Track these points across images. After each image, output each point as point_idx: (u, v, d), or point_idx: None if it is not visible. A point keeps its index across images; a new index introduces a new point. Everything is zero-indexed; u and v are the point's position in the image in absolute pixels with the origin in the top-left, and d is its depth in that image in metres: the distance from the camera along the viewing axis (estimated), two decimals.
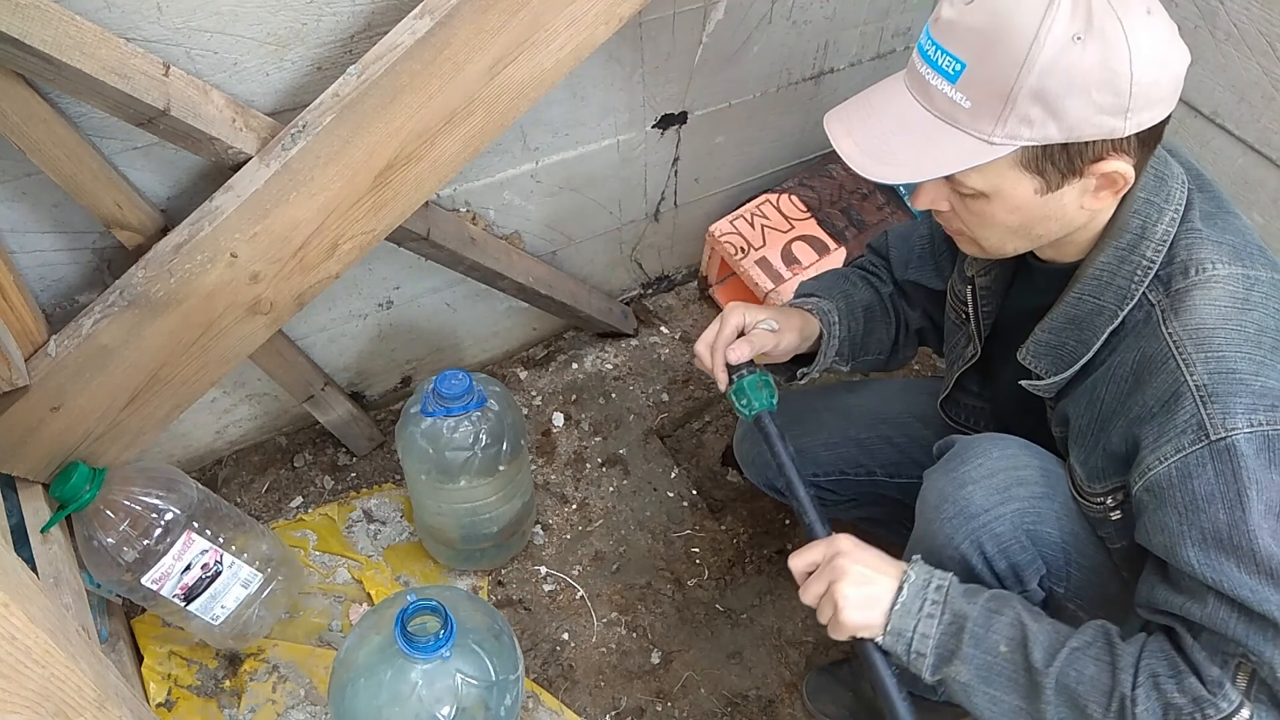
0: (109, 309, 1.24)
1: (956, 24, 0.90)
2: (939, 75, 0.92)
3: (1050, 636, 0.98)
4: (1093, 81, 0.86)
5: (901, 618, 1.02)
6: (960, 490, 1.08)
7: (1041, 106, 0.87)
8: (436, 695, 1.14)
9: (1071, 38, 0.85)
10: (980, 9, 0.89)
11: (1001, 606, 1.01)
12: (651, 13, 1.56)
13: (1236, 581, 0.88)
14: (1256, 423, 0.89)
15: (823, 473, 1.47)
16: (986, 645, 0.99)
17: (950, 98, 0.91)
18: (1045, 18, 0.85)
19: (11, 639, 0.70)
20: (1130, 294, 0.98)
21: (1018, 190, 0.94)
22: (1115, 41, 0.85)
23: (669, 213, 1.97)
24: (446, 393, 1.40)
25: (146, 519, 1.31)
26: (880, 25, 1.89)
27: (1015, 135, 0.89)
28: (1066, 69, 0.85)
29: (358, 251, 1.35)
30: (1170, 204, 0.98)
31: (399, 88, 1.22)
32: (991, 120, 0.89)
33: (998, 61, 0.87)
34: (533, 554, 1.72)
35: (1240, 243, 0.97)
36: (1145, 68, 0.86)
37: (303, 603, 1.60)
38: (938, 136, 0.93)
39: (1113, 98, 0.86)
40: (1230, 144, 1.50)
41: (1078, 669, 0.96)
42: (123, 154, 1.26)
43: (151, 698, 1.46)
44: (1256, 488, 0.88)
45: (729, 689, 1.57)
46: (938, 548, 1.09)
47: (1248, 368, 0.90)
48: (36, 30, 1.01)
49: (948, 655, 1.01)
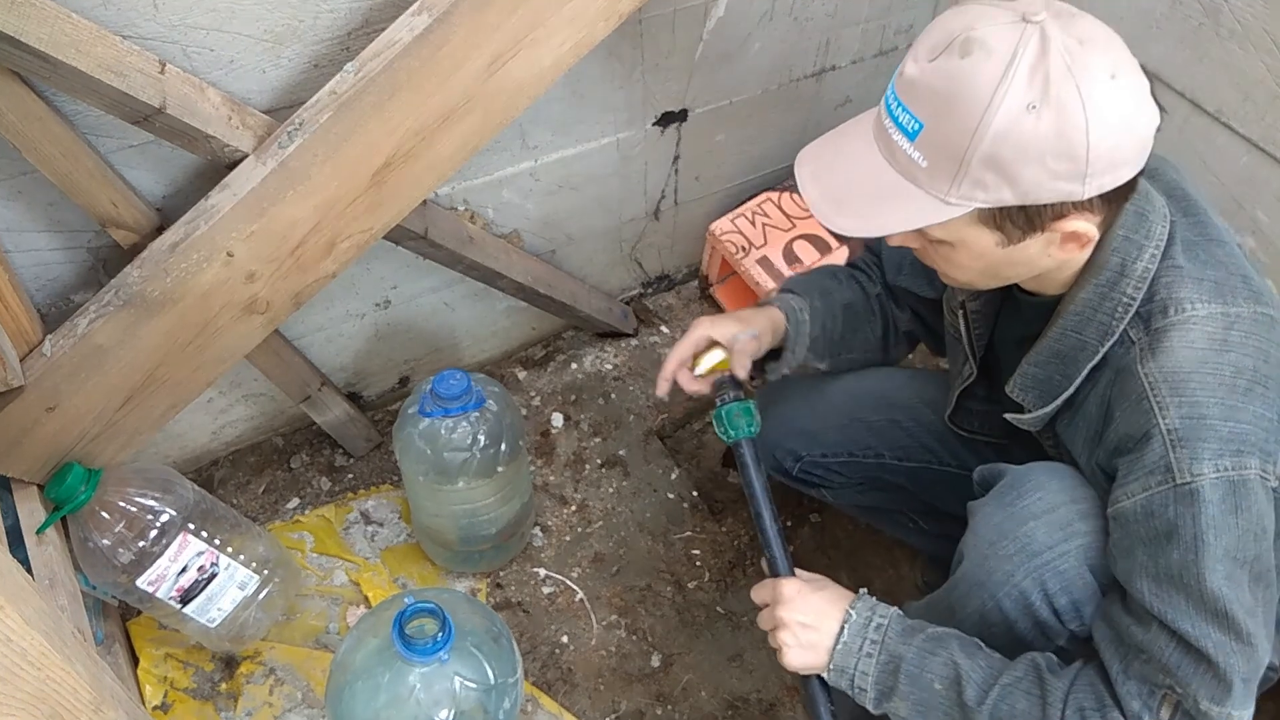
0: (104, 308, 1.23)
1: (917, 83, 0.92)
2: (900, 131, 0.94)
3: (984, 674, 1.03)
4: (1048, 150, 0.87)
5: (844, 656, 1.09)
6: (1021, 527, 1.06)
7: (995, 172, 0.89)
8: (434, 698, 1.14)
9: (1026, 106, 0.86)
10: (940, 71, 0.90)
11: (936, 647, 1.06)
12: (652, 9, 1.55)
13: (1181, 615, 0.92)
14: (1222, 468, 0.91)
15: (831, 454, 1.47)
16: (921, 684, 1.05)
17: (909, 155, 0.93)
18: (1000, 85, 0.86)
19: (6, 641, 0.69)
20: (1111, 330, 1.00)
21: (979, 242, 0.96)
22: (1072, 110, 0.85)
23: (669, 211, 1.96)
24: (444, 393, 1.39)
25: (142, 520, 1.30)
26: (882, 22, 1.89)
27: (970, 197, 0.91)
28: (1020, 137, 0.86)
29: (355, 250, 1.35)
30: (1151, 240, 0.98)
31: (396, 85, 1.21)
32: (947, 181, 0.91)
33: (952, 126, 0.89)
34: (532, 556, 1.71)
35: (1223, 276, 0.97)
36: (1104, 135, 0.86)
37: (300, 605, 1.60)
38: (897, 192, 0.95)
39: (1069, 165, 0.87)
40: (1234, 142, 1.50)
41: (1009, 704, 1.00)
42: (118, 152, 1.25)
43: (147, 700, 1.45)
44: (1214, 532, 0.91)
45: (730, 692, 1.56)
46: (993, 584, 1.08)
47: (1218, 413, 0.92)
48: (32, 28, 1.01)
49: (887, 691, 1.07)
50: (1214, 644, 0.91)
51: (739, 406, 1.27)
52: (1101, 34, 0.89)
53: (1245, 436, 0.91)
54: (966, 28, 0.89)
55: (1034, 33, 0.86)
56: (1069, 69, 0.85)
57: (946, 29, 0.91)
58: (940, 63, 0.89)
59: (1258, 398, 0.92)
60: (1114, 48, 0.89)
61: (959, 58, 0.88)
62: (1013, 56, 0.86)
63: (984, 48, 0.87)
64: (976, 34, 0.88)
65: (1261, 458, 0.92)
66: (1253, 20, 1.39)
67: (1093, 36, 0.87)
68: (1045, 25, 0.86)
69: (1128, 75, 0.88)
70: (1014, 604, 1.06)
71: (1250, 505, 0.91)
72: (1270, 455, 0.92)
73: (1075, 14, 0.89)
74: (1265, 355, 0.94)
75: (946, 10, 0.96)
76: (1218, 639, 0.91)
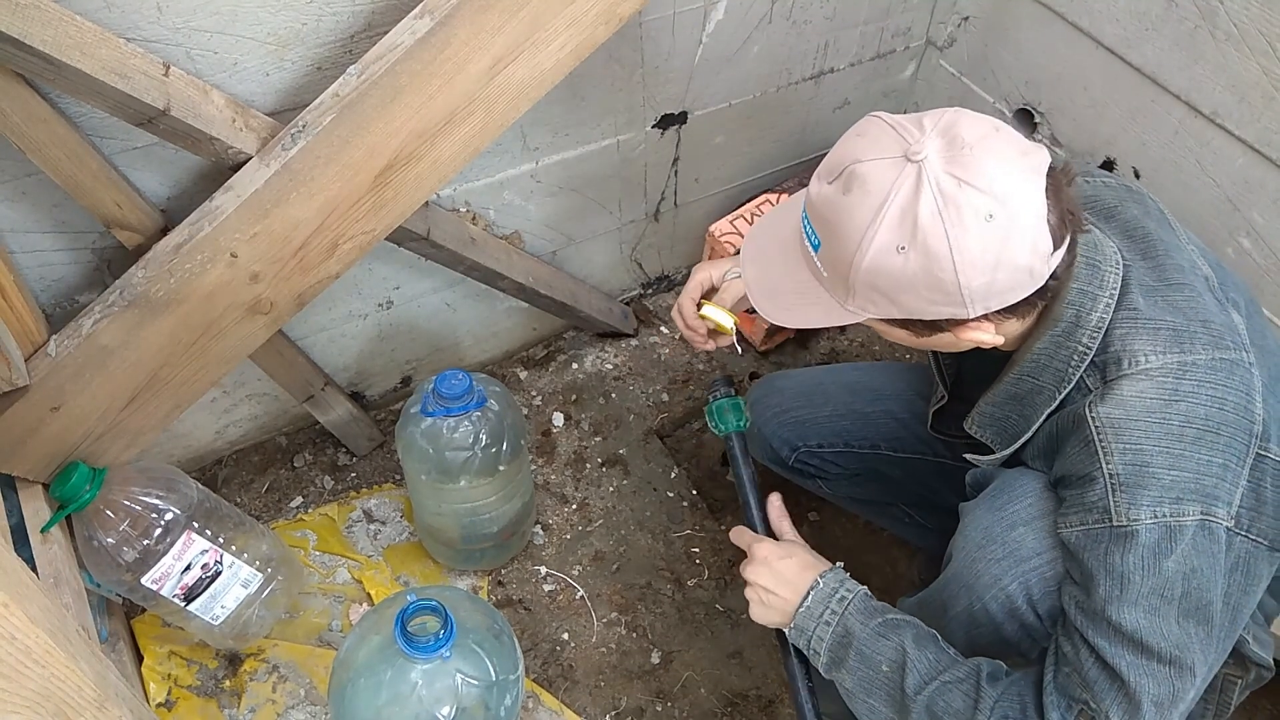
0: (109, 309, 1.24)
1: (814, 205, 0.97)
2: (808, 241, 1.00)
3: (928, 666, 1.06)
4: (920, 284, 0.90)
5: (804, 618, 1.14)
6: (1010, 532, 1.08)
7: (879, 293, 0.94)
8: (436, 695, 1.14)
9: (895, 248, 0.89)
10: (827, 201, 0.95)
11: (890, 632, 1.09)
12: (652, 13, 1.56)
13: (1100, 635, 0.96)
14: (1160, 514, 0.93)
15: (827, 444, 1.49)
16: (869, 662, 1.09)
17: (815, 263, 0.99)
18: (870, 227, 0.90)
19: (11, 639, 0.70)
20: (1068, 378, 1.02)
21: (893, 333, 1.02)
22: (938, 254, 0.88)
23: (669, 212, 1.97)
24: (446, 393, 1.40)
25: (146, 519, 1.31)
26: (881, 25, 1.89)
27: (864, 308, 0.97)
28: (891, 273, 0.91)
29: (358, 251, 1.35)
30: (1105, 290, 0.99)
31: (399, 88, 1.22)
32: (843, 293, 0.97)
33: (837, 253, 0.94)
34: (533, 554, 1.72)
35: (1181, 323, 0.98)
36: (973, 275, 0.89)
37: (303, 603, 1.60)
38: (810, 292, 1.02)
39: (944, 296, 0.91)
40: (1230, 144, 1.50)
41: (945, 700, 1.03)
42: (123, 154, 1.26)
43: (151, 698, 1.46)
44: (1142, 573, 0.94)
45: (729, 689, 1.57)
46: (981, 586, 1.09)
47: (1162, 461, 0.94)
48: (36, 30, 1.01)
49: (837, 661, 1.12)
50: (1127, 664, 0.94)
51: (728, 402, 1.37)
52: (990, 168, 0.88)
53: (1187, 484, 0.93)
54: (855, 158, 0.93)
55: (910, 173, 0.89)
56: (938, 213, 0.87)
57: (842, 154, 0.95)
58: (829, 191, 0.95)
59: (1207, 445, 0.94)
60: (1001, 182, 0.88)
61: (842, 192, 0.93)
62: (885, 198, 0.89)
63: (862, 186, 0.91)
64: (860, 169, 0.91)
65: (1205, 503, 0.93)
66: (1248, 22, 1.40)
67: (977, 173, 0.87)
68: (925, 164, 0.88)
69: (1010, 213, 0.88)
70: (1000, 607, 1.08)
71: (1181, 549, 0.93)
72: (1217, 499, 0.94)
73: (971, 143, 0.89)
74: (1220, 402, 0.95)
75: (862, 119, 1.00)
76: (1130, 660, 0.94)
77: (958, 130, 0.91)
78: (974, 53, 1.94)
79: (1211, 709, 1.21)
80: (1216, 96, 1.49)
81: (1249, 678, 1.18)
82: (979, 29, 1.91)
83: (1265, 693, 1.53)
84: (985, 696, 1.01)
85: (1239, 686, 1.19)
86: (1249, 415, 0.96)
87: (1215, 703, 1.21)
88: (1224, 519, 0.94)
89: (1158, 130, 1.61)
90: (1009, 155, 0.90)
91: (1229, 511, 0.95)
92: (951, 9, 1.95)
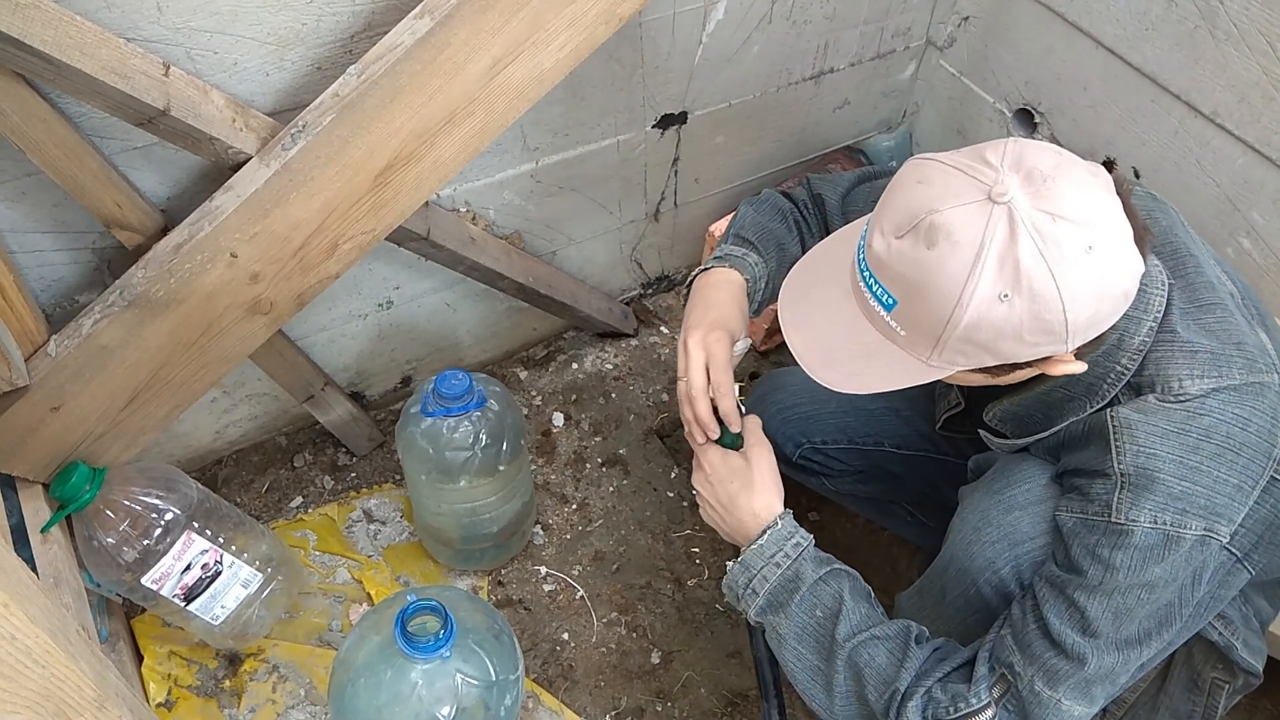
0: (109, 309, 1.24)
1: (885, 263, 0.90)
2: (875, 301, 0.93)
3: (861, 619, 1.07)
4: (1025, 329, 0.86)
5: (755, 555, 1.13)
6: (1007, 515, 1.08)
7: (974, 346, 0.89)
8: (436, 695, 1.14)
9: (998, 296, 0.84)
10: (906, 258, 0.88)
11: (832, 580, 1.10)
12: (652, 13, 1.56)
13: (1053, 613, 0.97)
14: (1161, 521, 0.92)
15: (831, 440, 1.48)
16: (807, 608, 1.09)
17: (888, 323, 0.93)
18: (969, 280, 0.84)
19: (11, 639, 0.70)
20: (1103, 394, 1.00)
21: (967, 378, 0.98)
22: (1046, 295, 0.84)
23: (669, 213, 1.97)
24: (446, 393, 1.40)
25: (146, 519, 1.31)
26: (881, 25, 1.89)
27: (951, 362, 0.92)
28: (993, 324, 0.86)
29: (358, 251, 1.35)
30: (1149, 314, 0.97)
31: (399, 88, 1.22)
32: (927, 350, 0.91)
33: (926, 311, 0.88)
34: (533, 554, 1.72)
35: (1217, 347, 0.96)
36: (1081, 309, 0.85)
37: (303, 603, 1.60)
38: (880, 352, 0.95)
39: (1047, 336, 0.87)
40: (1230, 144, 1.50)
41: (870, 653, 1.04)
42: (123, 154, 1.26)
43: (151, 698, 1.46)
44: (1127, 570, 0.94)
45: (729, 688, 1.57)
46: (975, 569, 1.09)
47: (1174, 471, 0.93)
48: (36, 30, 1.01)
49: (776, 605, 1.11)
50: (1072, 642, 0.95)
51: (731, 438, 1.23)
52: (1074, 196, 0.85)
53: (1197, 498, 0.92)
54: (930, 209, 0.86)
55: (1001, 216, 0.84)
56: (1040, 253, 0.83)
57: (910, 205, 0.88)
58: (906, 247, 0.88)
59: (1226, 464, 0.93)
60: (1089, 209, 0.85)
61: (925, 247, 0.86)
62: (980, 247, 0.83)
63: (949, 238, 0.85)
64: (941, 219, 0.85)
65: (1210, 520, 0.93)
66: (1248, 23, 1.40)
67: (1065, 204, 0.84)
68: (1013, 204, 0.83)
69: (1105, 240, 0.85)
70: (994, 590, 1.08)
71: (1171, 559, 0.93)
72: (1222, 517, 0.94)
73: (1048, 174, 0.86)
74: (1245, 422, 0.94)
75: (908, 166, 0.94)
76: (1075, 639, 0.95)
77: (1030, 162, 0.86)
78: (974, 53, 1.94)
79: (1199, 712, 1.22)
80: (1216, 96, 1.49)
81: (1236, 683, 1.19)
82: (979, 29, 1.91)
83: (1265, 693, 1.53)
84: (911, 658, 1.02)
85: (1226, 691, 1.19)
86: (1271, 439, 0.95)
87: (1203, 705, 1.21)
88: (1223, 536, 0.94)
89: (1157, 130, 1.61)
90: (1085, 180, 0.87)
91: (1230, 530, 0.95)
92: (951, 9, 1.95)
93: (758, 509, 1.15)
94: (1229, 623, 1.14)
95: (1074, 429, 1.04)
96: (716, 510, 1.18)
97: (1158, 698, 1.25)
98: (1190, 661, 1.21)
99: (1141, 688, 1.25)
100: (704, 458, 1.19)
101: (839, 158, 2.07)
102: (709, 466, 1.18)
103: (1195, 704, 1.22)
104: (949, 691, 1.00)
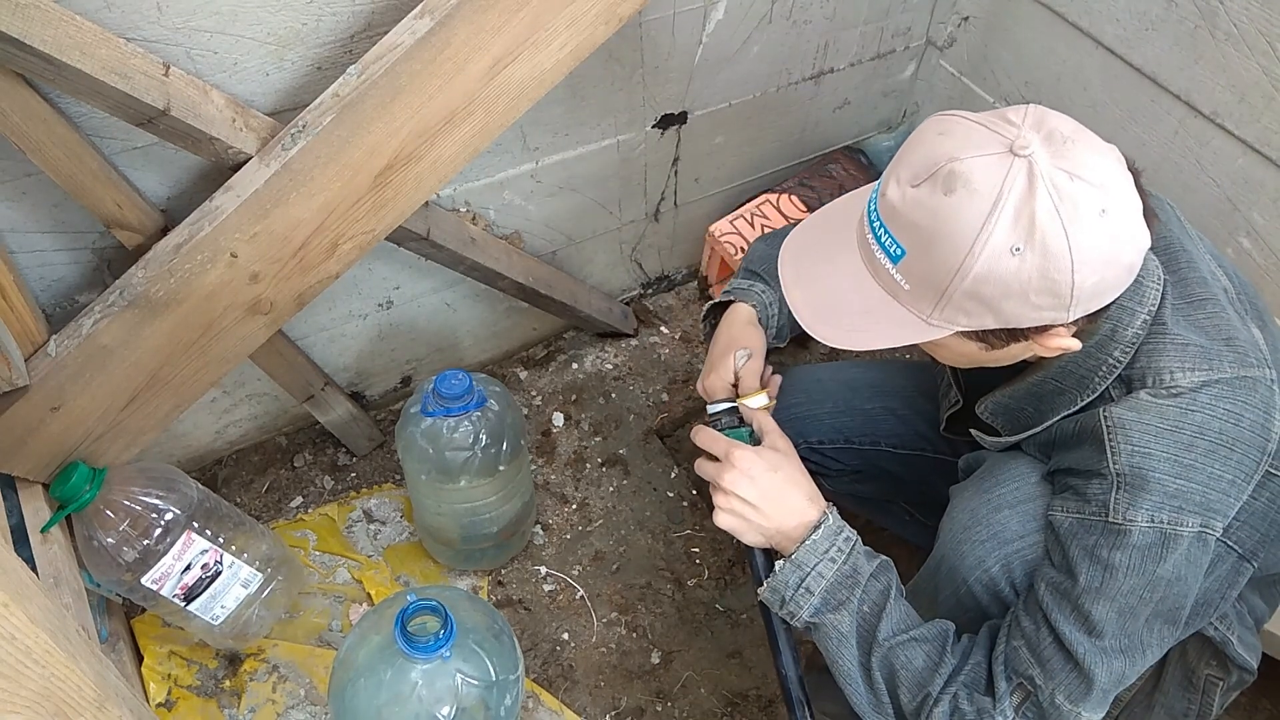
0: (109, 309, 1.24)
1: (899, 211, 0.90)
2: (883, 252, 0.93)
3: (900, 618, 1.05)
4: (1031, 288, 0.86)
5: (808, 553, 1.07)
6: (996, 514, 1.08)
7: (978, 303, 0.88)
8: (436, 695, 1.14)
9: (1010, 249, 0.84)
10: (922, 204, 0.88)
11: (882, 574, 1.08)
12: (652, 13, 1.56)
13: (1064, 618, 0.97)
14: (1158, 520, 0.93)
15: (828, 440, 1.48)
16: (865, 604, 1.06)
17: (892, 275, 0.93)
18: (984, 229, 0.84)
19: (11, 639, 0.70)
20: (1094, 387, 1.00)
21: (962, 348, 0.97)
22: (1057, 253, 0.84)
23: (669, 213, 1.97)
24: (446, 393, 1.40)
25: (146, 519, 1.31)
26: (881, 25, 1.90)
27: (952, 320, 0.91)
28: (1002, 277, 0.85)
29: (358, 251, 1.35)
30: (1144, 306, 0.97)
31: (399, 88, 1.22)
32: (929, 305, 0.91)
33: (935, 261, 0.88)
34: (533, 554, 1.72)
35: (1208, 342, 0.97)
36: (1089, 273, 0.85)
37: (303, 603, 1.60)
38: (881, 309, 0.95)
39: (1052, 299, 0.87)
40: (1230, 144, 1.50)
41: (908, 654, 1.03)
42: (123, 154, 1.26)
43: (151, 698, 1.46)
44: (1127, 571, 0.94)
45: (729, 689, 1.57)
46: (965, 568, 1.09)
47: (1169, 469, 0.93)
48: (37, 30, 1.01)
49: (835, 603, 1.06)
50: (1084, 650, 0.95)
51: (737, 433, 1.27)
52: (1092, 160, 0.86)
53: (1193, 495, 0.93)
54: (951, 157, 0.86)
55: (1021, 168, 0.84)
56: (1055, 210, 0.83)
57: (930, 154, 0.88)
58: (923, 194, 0.87)
59: (1220, 460, 0.93)
60: (1105, 174, 0.86)
61: (942, 193, 0.86)
62: (998, 197, 0.83)
63: (968, 186, 0.85)
64: (961, 167, 0.85)
65: (1205, 516, 0.93)
66: (1248, 23, 1.40)
67: (1083, 166, 0.85)
68: (1034, 158, 0.84)
69: (1118, 206, 0.86)
70: (984, 589, 1.08)
71: (1173, 558, 0.93)
72: (1217, 512, 0.94)
73: (1068, 136, 0.87)
74: (1237, 418, 0.94)
75: (930, 120, 0.94)
76: (1088, 646, 0.95)
77: (1051, 125, 0.87)
78: (974, 53, 1.94)
79: (1194, 710, 1.22)
80: (1216, 96, 1.49)
81: (1230, 680, 1.19)
82: (979, 29, 1.91)
83: (1265, 692, 1.53)
84: (946, 663, 1.02)
85: (1221, 689, 1.20)
86: (1265, 433, 0.95)
87: (1198, 704, 1.22)
88: (1218, 531, 0.95)
89: (1157, 130, 1.61)
90: (1102, 148, 0.88)
91: (1224, 524, 0.95)
92: (951, 9, 1.95)
93: (809, 499, 1.11)
94: (1224, 618, 1.14)
95: (1066, 426, 1.03)
96: (758, 508, 1.10)
97: (1153, 696, 1.25)
98: (1184, 659, 1.21)
99: (1137, 686, 1.26)
100: (733, 457, 1.13)
101: (839, 158, 2.07)
102: (743, 463, 1.12)
103: (1190, 701, 1.22)
104: (975, 704, 1.00)
